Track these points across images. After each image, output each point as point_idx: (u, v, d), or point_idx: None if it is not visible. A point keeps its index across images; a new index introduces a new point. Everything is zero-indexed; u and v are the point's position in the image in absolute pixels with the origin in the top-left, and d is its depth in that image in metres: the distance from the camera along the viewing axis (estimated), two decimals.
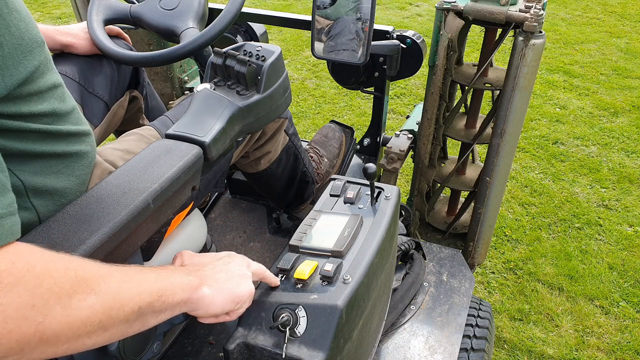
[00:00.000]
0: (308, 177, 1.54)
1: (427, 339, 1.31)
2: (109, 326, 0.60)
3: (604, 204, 2.65)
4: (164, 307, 0.68)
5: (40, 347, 0.53)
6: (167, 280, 0.70)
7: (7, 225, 0.53)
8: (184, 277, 0.73)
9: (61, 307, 0.54)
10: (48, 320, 0.53)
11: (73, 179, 0.82)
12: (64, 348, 0.56)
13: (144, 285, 0.66)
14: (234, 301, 0.79)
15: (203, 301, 0.74)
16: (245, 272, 0.83)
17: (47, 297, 0.53)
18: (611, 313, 2.08)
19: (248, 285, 0.81)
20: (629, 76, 3.88)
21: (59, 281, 0.54)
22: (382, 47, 1.63)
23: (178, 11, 1.28)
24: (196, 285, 0.74)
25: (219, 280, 0.78)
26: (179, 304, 0.71)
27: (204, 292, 0.74)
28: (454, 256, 1.57)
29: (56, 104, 0.76)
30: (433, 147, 1.76)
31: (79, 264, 0.59)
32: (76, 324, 0.56)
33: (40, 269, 0.53)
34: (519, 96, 1.46)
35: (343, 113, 3.45)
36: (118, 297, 0.61)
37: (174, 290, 0.70)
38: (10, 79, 0.63)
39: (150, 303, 0.65)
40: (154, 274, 0.69)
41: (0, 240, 0.52)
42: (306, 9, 4.99)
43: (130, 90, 1.39)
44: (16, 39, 0.63)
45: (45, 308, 0.53)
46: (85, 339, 0.58)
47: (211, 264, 0.81)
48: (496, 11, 1.40)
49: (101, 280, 0.60)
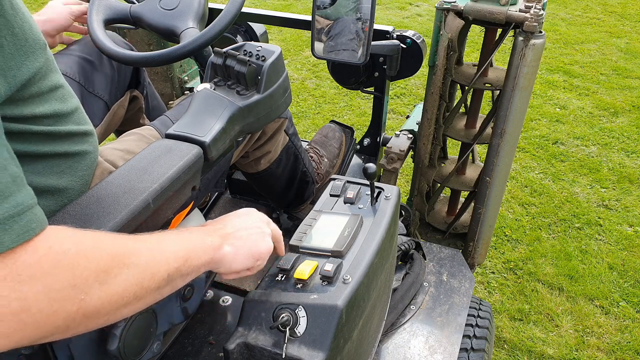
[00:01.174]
0: (308, 177, 1.54)
1: (427, 339, 1.31)
2: (143, 295, 0.64)
3: (604, 204, 2.66)
4: (190, 270, 0.72)
5: (84, 322, 0.57)
6: (191, 243, 0.74)
7: (38, 214, 0.56)
8: (206, 238, 0.77)
9: (99, 283, 0.57)
10: (89, 297, 0.56)
11: (76, 179, 0.82)
12: (104, 319, 0.61)
13: (170, 253, 0.69)
14: (254, 257, 0.83)
15: (225, 259, 0.79)
16: (265, 229, 0.87)
17: (86, 275, 0.56)
18: (611, 313, 2.08)
19: (267, 242, 0.86)
20: (629, 76, 3.89)
21: (93, 260, 0.58)
22: (382, 47, 1.63)
23: (178, 11, 1.28)
24: (218, 245, 0.78)
25: (239, 238, 0.82)
26: (204, 264, 0.75)
27: (225, 251, 0.79)
28: (454, 256, 1.57)
29: (58, 105, 0.76)
30: (433, 147, 1.76)
31: (107, 240, 0.63)
32: (114, 297, 0.59)
33: (74, 250, 0.56)
34: (519, 96, 1.46)
35: (343, 113, 3.45)
36: (148, 268, 0.64)
37: (197, 252, 0.74)
38: (13, 79, 0.63)
39: (178, 268, 0.69)
40: (178, 240, 0.72)
41: (37, 228, 0.54)
42: (306, 9, 4.99)
43: (130, 90, 1.39)
44: (19, 40, 0.63)
45: (85, 286, 0.56)
46: (123, 309, 0.62)
47: (231, 222, 0.85)
48: (496, 11, 1.40)
49: (131, 254, 0.63)
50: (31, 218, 0.54)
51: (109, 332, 0.71)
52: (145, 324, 0.78)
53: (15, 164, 0.56)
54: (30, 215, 0.54)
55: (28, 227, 0.53)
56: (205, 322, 1.27)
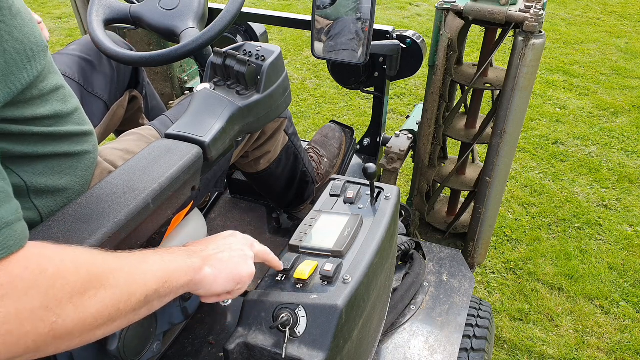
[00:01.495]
0: (308, 177, 1.54)
1: (427, 339, 1.31)
2: (118, 317, 0.62)
3: (604, 204, 2.65)
4: (169, 292, 0.70)
5: (54, 344, 0.55)
6: (171, 265, 0.72)
7: (19, 231, 0.54)
8: (187, 259, 0.75)
9: (73, 305, 0.56)
10: (61, 319, 0.54)
11: (76, 179, 0.82)
12: (76, 342, 0.58)
13: (150, 274, 0.67)
14: (235, 281, 0.80)
15: (206, 281, 0.76)
16: (248, 252, 0.84)
17: (60, 297, 0.54)
18: (611, 313, 2.08)
19: (249, 266, 0.83)
20: (629, 76, 3.88)
21: (70, 281, 0.56)
22: (382, 47, 1.63)
23: (178, 11, 1.28)
24: (198, 267, 0.76)
25: (220, 260, 0.79)
26: (183, 286, 0.73)
27: (206, 273, 0.76)
28: (454, 256, 1.57)
29: (58, 106, 0.76)
30: (433, 147, 1.76)
31: (88, 259, 0.61)
32: (88, 319, 0.58)
33: (52, 270, 0.54)
34: (519, 96, 1.46)
35: (343, 113, 3.45)
36: (126, 289, 0.62)
37: (178, 274, 0.72)
38: (14, 84, 0.63)
39: (156, 290, 0.67)
40: (159, 260, 0.70)
41: (14, 247, 0.52)
42: (306, 9, 4.99)
43: (130, 90, 1.39)
44: (19, 45, 0.62)
45: (59, 308, 0.54)
46: (97, 331, 0.60)
47: (214, 244, 0.83)
48: (496, 11, 1.40)
49: (110, 274, 0.61)
50: (9, 235, 0.52)
51: None
52: (145, 324, 0.78)
53: (1, 177, 0.55)
54: (8, 232, 0.52)
55: (4, 245, 0.51)
56: (205, 322, 1.27)
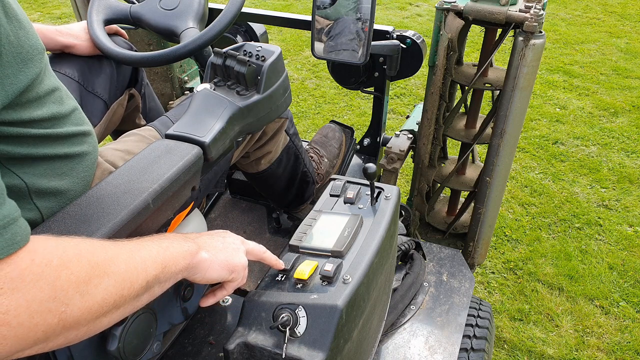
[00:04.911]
0: (308, 177, 1.54)
1: (427, 339, 1.31)
2: (122, 304, 0.64)
3: (604, 204, 2.66)
4: (168, 277, 0.72)
5: (63, 333, 0.57)
6: (169, 250, 0.73)
7: (23, 227, 0.55)
8: (183, 244, 0.77)
9: (80, 294, 0.57)
10: (69, 309, 0.56)
11: (77, 180, 0.83)
12: (84, 330, 0.60)
13: (149, 260, 0.69)
14: (229, 269, 0.83)
15: (201, 265, 0.78)
16: (239, 246, 0.88)
17: (67, 287, 0.56)
18: (611, 313, 2.08)
19: (242, 257, 0.86)
20: (629, 76, 3.88)
21: (74, 270, 0.57)
22: (382, 47, 1.63)
23: (178, 11, 1.28)
24: (195, 251, 0.78)
25: (215, 247, 0.83)
26: (181, 270, 0.75)
27: (202, 256, 0.79)
28: (454, 256, 1.57)
29: (55, 107, 0.76)
30: (433, 147, 1.76)
31: (88, 249, 0.62)
32: (94, 307, 0.59)
33: (56, 262, 0.56)
34: (519, 96, 1.46)
35: (343, 113, 3.45)
36: (127, 276, 0.64)
37: (176, 259, 0.74)
38: (11, 87, 0.63)
39: (156, 276, 0.69)
40: (156, 247, 0.72)
41: (21, 242, 0.54)
42: (306, 9, 4.99)
43: (128, 88, 1.39)
44: (16, 48, 0.62)
45: (66, 298, 0.56)
46: (103, 319, 0.62)
47: (207, 235, 0.86)
48: (496, 11, 1.40)
49: (110, 262, 0.63)
50: (16, 231, 0.53)
51: (109, 332, 0.71)
52: (145, 324, 0.78)
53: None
54: (15, 228, 0.54)
55: (13, 240, 0.53)
56: (205, 322, 1.27)
